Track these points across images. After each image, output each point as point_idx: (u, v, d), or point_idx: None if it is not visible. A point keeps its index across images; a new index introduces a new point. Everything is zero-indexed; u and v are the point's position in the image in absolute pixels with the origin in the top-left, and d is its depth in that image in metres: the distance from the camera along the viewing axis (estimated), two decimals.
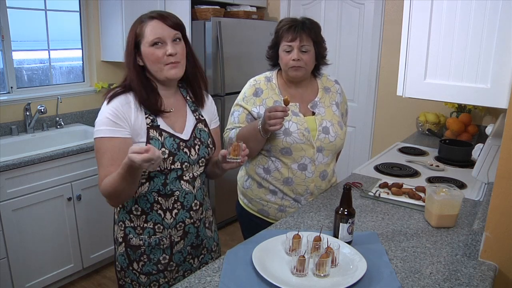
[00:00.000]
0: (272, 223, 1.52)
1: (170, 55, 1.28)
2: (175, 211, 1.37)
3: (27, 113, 2.77)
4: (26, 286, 2.37)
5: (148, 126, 1.31)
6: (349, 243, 1.27)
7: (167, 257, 1.40)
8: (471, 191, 1.77)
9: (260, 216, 1.77)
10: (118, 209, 1.40)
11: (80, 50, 3.20)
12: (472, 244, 1.26)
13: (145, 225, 1.36)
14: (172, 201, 1.36)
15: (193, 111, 1.44)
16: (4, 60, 2.72)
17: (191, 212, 1.40)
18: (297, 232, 1.21)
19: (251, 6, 3.51)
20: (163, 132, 1.32)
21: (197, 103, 1.46)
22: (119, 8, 2.97)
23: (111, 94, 1.31)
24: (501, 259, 1.19)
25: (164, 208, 1.35)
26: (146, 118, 1.31)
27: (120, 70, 3.32)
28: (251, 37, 3.31)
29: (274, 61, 1.73)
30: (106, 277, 2.76)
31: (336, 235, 1.29)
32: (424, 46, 1.19)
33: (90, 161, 2.59)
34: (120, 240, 1.40)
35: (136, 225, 1.37)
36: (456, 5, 1.13)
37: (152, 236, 1.36)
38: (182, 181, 1.36)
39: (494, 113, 2.79)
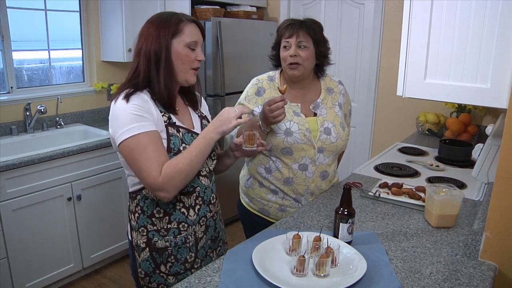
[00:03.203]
0: (273, 223, 1.53)
1: (200, 61, 1.32)
2: (198, 207, 1.39)
3: (27, 113, 2.77)
4: (26, 286, 2.37)
5: (166, 123, 1.30)
6: (349, 243, 1.27)
7: (193, 254, 1.40)
8: (471, 191, 1.77)
9: (261, 215, 1.77)
10: (137, 215, 1.35)
11: (80, 50, 3.20)
12: (472, 244, 1.26)
13: (169, 226, 1.35)
14: (194, 198, 1.37)
15: (194, 110, 1.46)
16: (4, 60, 2.72)
17: (210, 206, 1.44)
18: (297, 232, 1.22)
19: (251, 6, 3.51)
20: (180, 129, 1.33)
21: (193, 106, 1.46)
22: (119, 8, 2.97)
23: (126, 94, 1.25)
24: (501, 259, 1.19)
25: (187, 205, 1.36)
26: (162, 115, 1.30)
27: (120, 70, 3.32)
28: (251, 37, 3.31)
29: (276, 61, 1.73)
30: (106, 277, 2.76)
31: (336, 235, 1.29)
32: (424, 46, 1.19)
33: (90, 161, 2.59)
34: (143, 245, 1.36)
35: (159, 228, 1.34)
36: (456, 5, 1.13)
37: (178, 236, 1.36)
38: (201, 177, 1.38)
39: (494, 113, 2.79)
